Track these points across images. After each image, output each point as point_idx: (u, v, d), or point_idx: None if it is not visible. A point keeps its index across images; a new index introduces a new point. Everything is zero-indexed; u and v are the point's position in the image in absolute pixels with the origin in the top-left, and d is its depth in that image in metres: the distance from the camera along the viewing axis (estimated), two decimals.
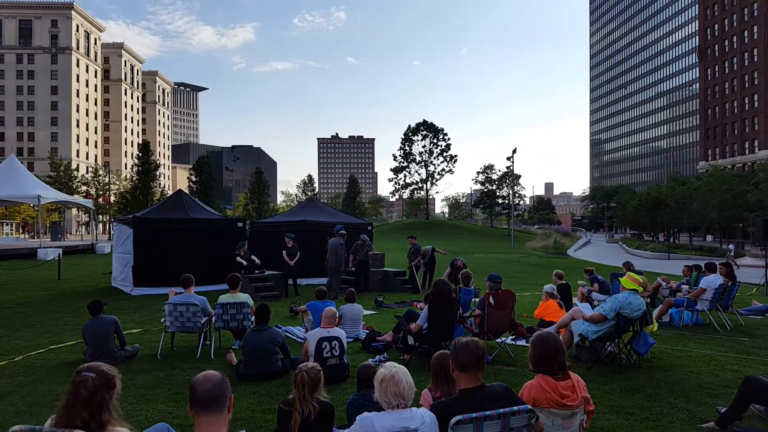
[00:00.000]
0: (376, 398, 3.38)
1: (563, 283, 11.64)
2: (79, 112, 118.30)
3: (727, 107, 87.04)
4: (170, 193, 72.26)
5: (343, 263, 15.75)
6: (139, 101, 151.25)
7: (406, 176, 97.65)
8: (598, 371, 7.37)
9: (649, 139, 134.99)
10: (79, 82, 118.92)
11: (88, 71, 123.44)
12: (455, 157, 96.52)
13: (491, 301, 8.34)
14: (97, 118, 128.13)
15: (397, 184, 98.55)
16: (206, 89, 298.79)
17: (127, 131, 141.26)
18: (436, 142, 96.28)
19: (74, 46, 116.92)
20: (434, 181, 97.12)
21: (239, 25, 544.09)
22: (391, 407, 3.25)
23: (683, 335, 10.20)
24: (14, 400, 6.29)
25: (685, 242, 66.44)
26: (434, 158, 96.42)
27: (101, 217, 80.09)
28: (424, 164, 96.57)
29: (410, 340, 7.98)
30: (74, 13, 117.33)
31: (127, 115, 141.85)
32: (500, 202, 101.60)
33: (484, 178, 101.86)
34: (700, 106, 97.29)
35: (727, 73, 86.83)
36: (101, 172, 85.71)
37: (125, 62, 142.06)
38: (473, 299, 10.33)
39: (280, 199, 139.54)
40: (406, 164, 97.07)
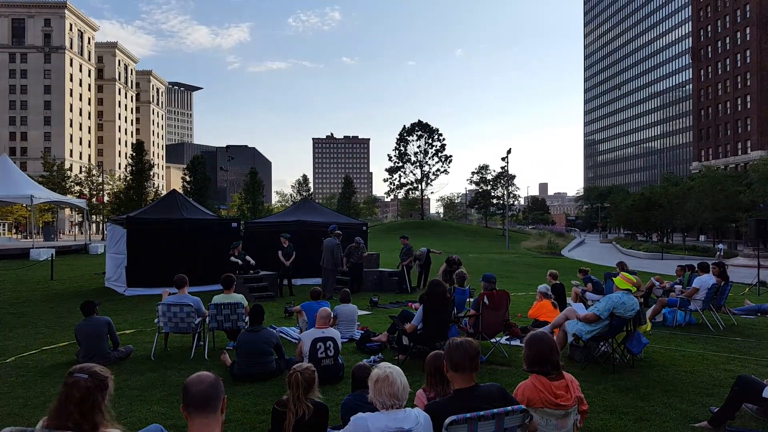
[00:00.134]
0: (370, 399, 3.37)
1: (557, 283, 11.68)
2: (72, 111, 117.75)
3: (720, 108, 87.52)
4: (164, 193, 72.10)
5: (340, 263, 15.75)
6: (133, 101, 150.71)
7: (401, 176, 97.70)
8: (591, 371, 7.40)
9: (642, 139, 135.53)
10: (72, 81, 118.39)
11: (81, 71, 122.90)
12: (450, 157, 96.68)
13: (486, 301, 8.35)
14: (90, 117, 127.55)
15: (392, 184, 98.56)
16: (200, 89, 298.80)
17: (120, 131, 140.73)
18: (431, 142, 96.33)
19: (68, 45, 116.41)
20: (429, 181, 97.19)
21: (234, 24, 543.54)
22: (385, 408, 3.25)
23: (676, 335, 10.24)
24: (6, 401, 6.25)
25: (678, 242, 66.72)
26: (429, 158, 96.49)
27: (94, 217, 79.72)
28: (419, 164, 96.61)
29: (405, 340, 7.98)
30: (68, 12, 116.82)
31: (120, 114, 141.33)
32: (495, 202, 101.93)
33: (478, 178, 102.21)
34: (693, 106, 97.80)
35: (720, 74, 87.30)
36: (95, 172, 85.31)
37: (119, 62, 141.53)
38: (468, 299, 10.33)
39: (274, 199, 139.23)
40: (401, 164, 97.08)
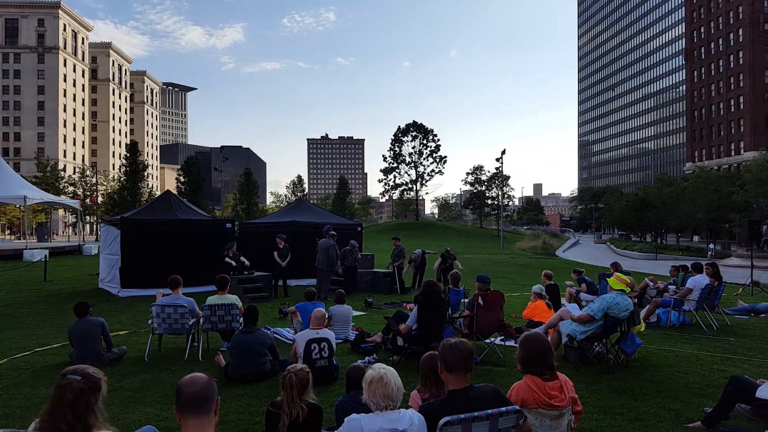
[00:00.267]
0: (364, 400, 3.37)
1: (552, 283, 11.70)
2: (66, 112, 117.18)
3: (713, 109, 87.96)
4: (158, 193, 71.78)
5: (335, 263, 15.71)
6: (127, 101, 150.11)
7: (396, 177, 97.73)
8: (586, 371, 7.42)
9: (636, 140, 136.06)
10: (66, 81, 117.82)
11: (75, 71, 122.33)
12: (445, 158, 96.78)
13: (480, 301, 8.36)
14: (84, 118, 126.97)
15: (386, 184, 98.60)
16: (195, 89, 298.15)
17: (114, 131, 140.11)
18: (425, 143, 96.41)
19: (61, 45, 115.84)
20: (424, 181, 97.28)
21: (228, 25, 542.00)
22: (379, 409, 3.25)
23: (670, 335, 10.28)
24: None
25: (672, 243, 67.01)
26: (424, 159, 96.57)
27: (88, 218, 79.34)
28: (413, 165, 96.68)
29: (400, 341, 7.98)
30: (61, 12, 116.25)
31: (114, 115, 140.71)
32: (489, 202, 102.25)
33: (473, 179, 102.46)
34: (686, 107, 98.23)
35: (713, 75, 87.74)
36: (88, 172, 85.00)
37: (113, 62, 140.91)
38: (462, 300, 10.35)
39: (269, 199, 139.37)
40: (395, 165, 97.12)
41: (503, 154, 69.03)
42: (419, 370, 4.37)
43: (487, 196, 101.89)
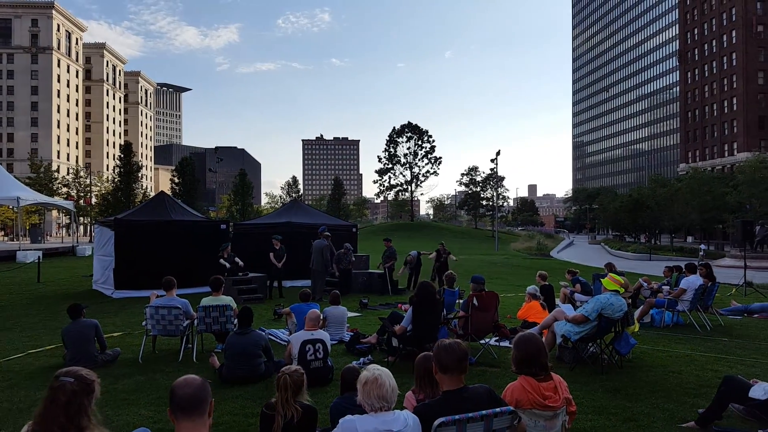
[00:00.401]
0: (359, 401, 3.36)
1: (546, 284, 11.72)
2: (59, 112, 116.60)
3: (706, 110, 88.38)
4: (152, 194, 71.51)
5: (329, 264, 15.69)
6: (121, 102, 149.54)
7: (390, 178, 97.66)
8: (580, 372, 7.43)
9: (630, 141, 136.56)
10: (59, 82, 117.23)
11: (69, 71, 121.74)
12: (440, 158, 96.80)
13: (475, 302, 8.36)
14: (78, 119, 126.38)
15: (381, 185, 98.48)
16: (189, 90, 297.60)
17: (108, 132, 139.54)
18: (420, 143, 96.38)
19: (55, 45, 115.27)
20: (419, 182, 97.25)
21: (223, 25, 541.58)
22: (374, 410, 3.24)
23: (664, 336, 10.32)
24: None
25: (666, 243, 67.28)
26: (419, 160, 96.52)
27: (82, 219, 78.96)
28: (408, 166, 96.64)
29: (394, 342, 7.98)
30: (55, 12, 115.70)
31: (108, 116, 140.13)
32: (484, 203, 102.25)
33: (468, 180, 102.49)
34: (680, 109, 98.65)
35: (706, 76, 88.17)
36: (82, 173, 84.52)
37: (107, 62, 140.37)
38: (457, 301, 10.35)
39: (264, 200, 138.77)
40: (390, 166, 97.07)
41: (498, 155, 69.16)
42: (414, 371, 4.37)
43: (482, 197, 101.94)
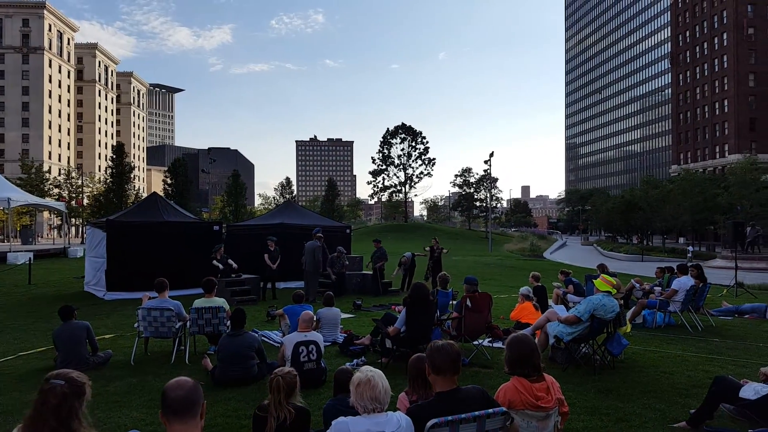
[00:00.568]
0: (352, 403, 3.36)
1: (539, 285, 11.75)
2: (51, 113, 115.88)
3: (698, 112, 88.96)
4: (145, 195, 71.23)
5: (320, 266, 15.66)
6: (113, 102, 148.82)
7: (384, 179, 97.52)
8: (572, 373, 7.46)
9: (623, 143, 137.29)
10: (51, 82, 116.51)
11: (60, 72, 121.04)
12: (433, 160, 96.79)
13: (468, 303, 8.38)
14: (70, 119, 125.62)
15: (375, 187, 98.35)
16: (182, 91, 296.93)
17: (100, 133, 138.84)
18: (414, 145, 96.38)
19: (46, 46, 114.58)
20: (413, 184, 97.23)
21: (216, 26, 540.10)
22: (367, 412, 3.24)
23: (656, 336, 10.36)
24: None
25: (658, 245, 67.63)
26: (412, 161, 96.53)
27: (74, 220, 78.53)
28: (402, 167, 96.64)
29: (388, 343, 7.97)
30: (46, 12, 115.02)
31: (101, 116, 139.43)
32: (478, 205, 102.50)
33: (462, 181, 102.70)
34: (672, 110, 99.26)
35: (698, 78, 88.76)
36: (74, 174, 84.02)
37: (99, 63, 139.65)
38: (450, 302, 10.36)
39: (257, 201, 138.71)
40: (384, 167, 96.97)
41: (491, 156, 69.21)
42: (407, 372, 4.38)
43: (475, 198, 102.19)
